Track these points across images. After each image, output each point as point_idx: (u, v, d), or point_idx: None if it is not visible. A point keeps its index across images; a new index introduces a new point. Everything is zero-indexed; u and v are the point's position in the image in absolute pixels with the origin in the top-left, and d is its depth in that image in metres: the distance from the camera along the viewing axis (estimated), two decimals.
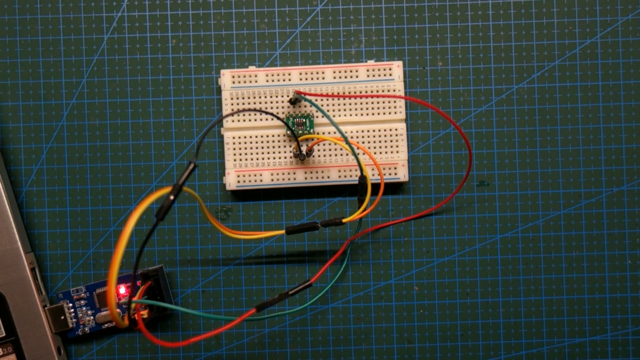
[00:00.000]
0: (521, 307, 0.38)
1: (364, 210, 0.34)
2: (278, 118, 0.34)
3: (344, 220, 0.34)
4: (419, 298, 0.38)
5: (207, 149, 0.37)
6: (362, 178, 0.33)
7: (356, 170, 0.36)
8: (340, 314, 0.38)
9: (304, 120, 0.35)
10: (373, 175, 0.36)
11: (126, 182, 0.37)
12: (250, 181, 0.36)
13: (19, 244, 0.35)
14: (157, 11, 0.37)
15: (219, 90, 0.37)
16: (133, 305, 0.34)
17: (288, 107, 0.36)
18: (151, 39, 0.37)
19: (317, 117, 0.36)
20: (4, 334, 0.35)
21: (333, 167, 0.36)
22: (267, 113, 0.34)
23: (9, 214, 0.35)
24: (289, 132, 0.35)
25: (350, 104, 0.36)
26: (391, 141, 0.36)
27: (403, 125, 0.36)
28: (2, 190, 0.35)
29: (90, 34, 0.37)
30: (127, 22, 0.37)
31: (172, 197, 0.26)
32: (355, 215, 0.34)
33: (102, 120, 0.37)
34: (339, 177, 0.36)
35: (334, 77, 0.36)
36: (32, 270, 0.36)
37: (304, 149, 0.35)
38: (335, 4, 0.37)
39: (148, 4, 0.37)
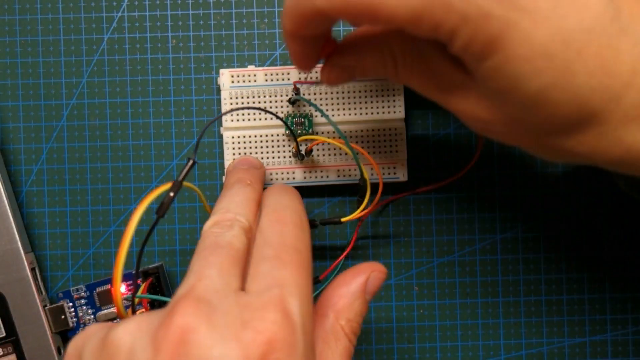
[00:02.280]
0: (521, 307, 0.38)
1: (364, 209, 0.34)
2: (277, 117, 0.34)
3: (342, 220, 0.34)
4: (419, 298, 0.38)
5: (207, 149, 0.37)
6: (362, 180, 0.33)
7: (356, 170, 0.36)
8: None
9: (302, 120, 0.35)
10: (372, 175, 0.36)
11: (126, 182, 0.37)
12: None
13: (19, 244, 0.35)
14: (157, 11, 0.37)
15: (219, 90, 0.37)
16: (136, 300, 0.34)
17: (287, 106, 0.36)
18: (151, 39, 0.37)
19: (316, 116, 0.36)
20: (4, 334, 0.35)
21: (332, 167, 0.36)
22: (266, 111, 0.34)
23: (9, 214, 0.35)
24: (288, 132, 0.35)
25: (349, 104, 0.36)
26: (390, 141, 0.36)
27: (402, 125, 0.36)
28: (2, 190, 0.35)
29: (90, 34, 0.37)
30: (127, 22, 0.37)
31: (172, 194, 0.27)
32: (355, 215, 0.34)
33: (102, 120, 0.37)
34: (339, 176, 0.36)
35: None
36: (32, 270, 0.36)
37: (303, 148, 0.35)
38: None
39: (148, 4, 0.37)
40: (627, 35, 0.21)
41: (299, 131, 0.35)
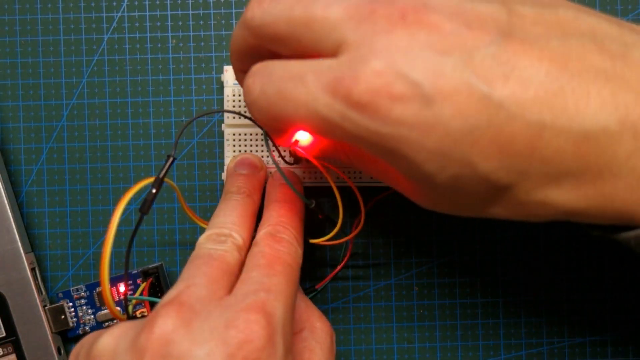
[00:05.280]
0: (521, 307, 0.38)
1: (335, 236, 0.34)
2: (255, 123, 0.33)
3: (311, 241, 0.34)
4: (419, 298, 0.38)
5: (207, 148, 0.37)
6: (310, 203, 0.33)
7: (354, 172, 0.36)
8: (340, 314, 0.38)
9: None
10: (372, 178, 0.36)
11: (126, 182, 0.37)
12: None
13: (19, 244, 0.35)
14: (157, 11, 0.37)
15: (219, 91, 0.37)
16: (133, 301, 0.34)
17: None
18: (151, 39, 0.37)
19: None
20: (4, 334, 0.35)
21: (331, 168, 0.35)
22: (243, 116, 0.33)
23: (9, 214, 0.35)
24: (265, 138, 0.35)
25: None
26: None
27: None
28: (2, 190, 0.35)
29: (90, 34, 0.37)
30: (127, 22, 0.37)
31: (154, 191, 0.27)
32: (322, 240, 0.34)
33: (102, 120, 0.37)
34: (338, 178, 0.36)
35: None
36: (32, 270, 0.36)
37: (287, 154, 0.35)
38: None
39: (148, 4, 0.37)
40: (516, 119, 0.21)
41: None
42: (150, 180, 0.28)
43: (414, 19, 0.22)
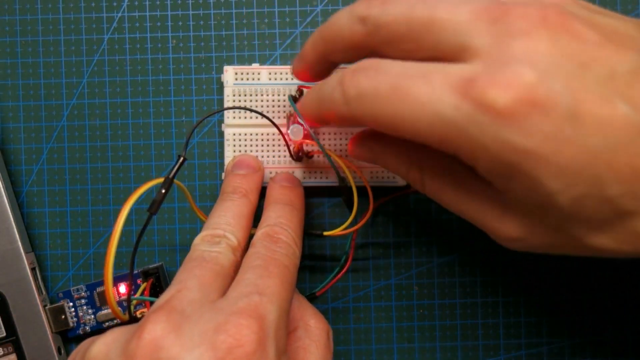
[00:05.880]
0: (521, 307, 0.38)
1: (348, 226, 0.33)
2: (272, 121, 0.34)
3: (325, 234, 0.34)
4: (419, 298, 0.38)
5: (207, 148, 0.37)
6: (347, 191, 0.33)
7: (353, 172, 0.36)
8: (340, 314, 0.38)
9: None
10: (372, 178, 0.36)
11: (126, 182, 0.37)
12: None
13: (19, 244, 0.35)
14: (157, 11, 0.37)
15: (219, 91, 0.37)
16: (134, 301, 0.34)
17: (289, 106, 0.35)
18: (151, 39, 0.37)
19: None
20: (4, 334, 0.35)
21: (332, 168, 0.35)
22: (262, 115, 0.33)
23: (9, 214, 0.35)
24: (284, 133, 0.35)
25: None
26: None
27: None
28: (2, 190, 0.35)
29: (90, 34, 0.37)
30: (127, 22, 0.37)
31: (163, 191, 0.27)
32: (338, 231, 0.34)
33: (102, 120, 0.37)
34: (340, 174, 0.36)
35: None
36: (33, 270, 0.36)
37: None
38: (335, 4, 0.37)
39: (148, 4, 0.37)
40: None
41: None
42: (158, 181, 0.27)
43: (557, 21, 0.21)
